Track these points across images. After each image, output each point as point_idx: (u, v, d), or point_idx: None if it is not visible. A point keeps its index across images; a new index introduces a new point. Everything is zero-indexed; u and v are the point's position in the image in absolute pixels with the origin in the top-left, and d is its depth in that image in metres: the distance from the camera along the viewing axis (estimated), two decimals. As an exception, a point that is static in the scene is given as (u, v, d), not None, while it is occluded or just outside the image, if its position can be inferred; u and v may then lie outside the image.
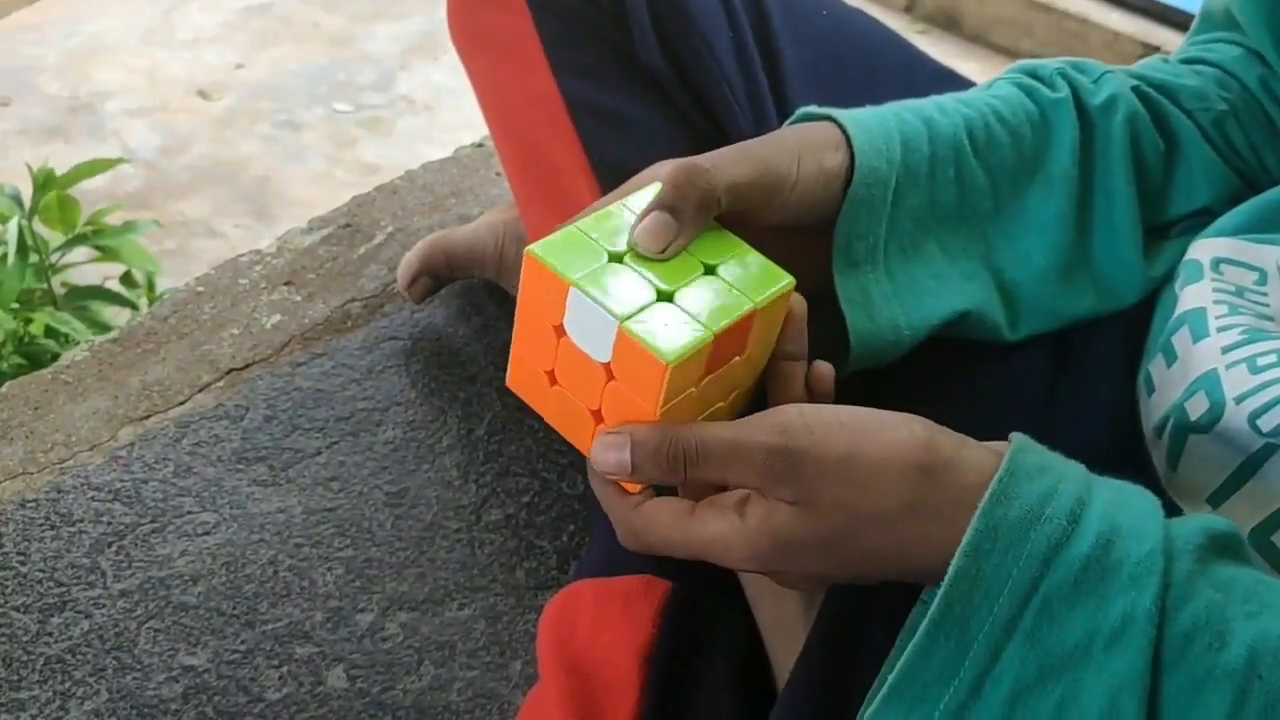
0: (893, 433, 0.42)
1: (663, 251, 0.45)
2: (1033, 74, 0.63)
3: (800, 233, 0.54)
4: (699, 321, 0.43)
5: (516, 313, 0.47)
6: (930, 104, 0.59)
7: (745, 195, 0.49)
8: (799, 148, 0.52)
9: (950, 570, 0.39)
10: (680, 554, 0.45)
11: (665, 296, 0.44)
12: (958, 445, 0.42)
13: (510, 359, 0.48)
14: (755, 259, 0.47)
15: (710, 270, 0.46)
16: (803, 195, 0.52)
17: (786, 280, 0.46)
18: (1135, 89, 0.64)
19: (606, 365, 0.43)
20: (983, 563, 0.39)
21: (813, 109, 0.57)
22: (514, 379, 0.49)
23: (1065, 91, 0.62)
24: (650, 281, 0.44)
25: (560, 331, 0.44)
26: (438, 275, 0.95)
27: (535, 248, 0.44)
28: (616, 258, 0.45)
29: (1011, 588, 0.38)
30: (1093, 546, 0.39)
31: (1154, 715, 0.37)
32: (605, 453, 0.44)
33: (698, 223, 0.47)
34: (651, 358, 0.41)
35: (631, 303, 0.43)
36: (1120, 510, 0.40)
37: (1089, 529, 0.39)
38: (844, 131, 0.55)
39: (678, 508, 0.45)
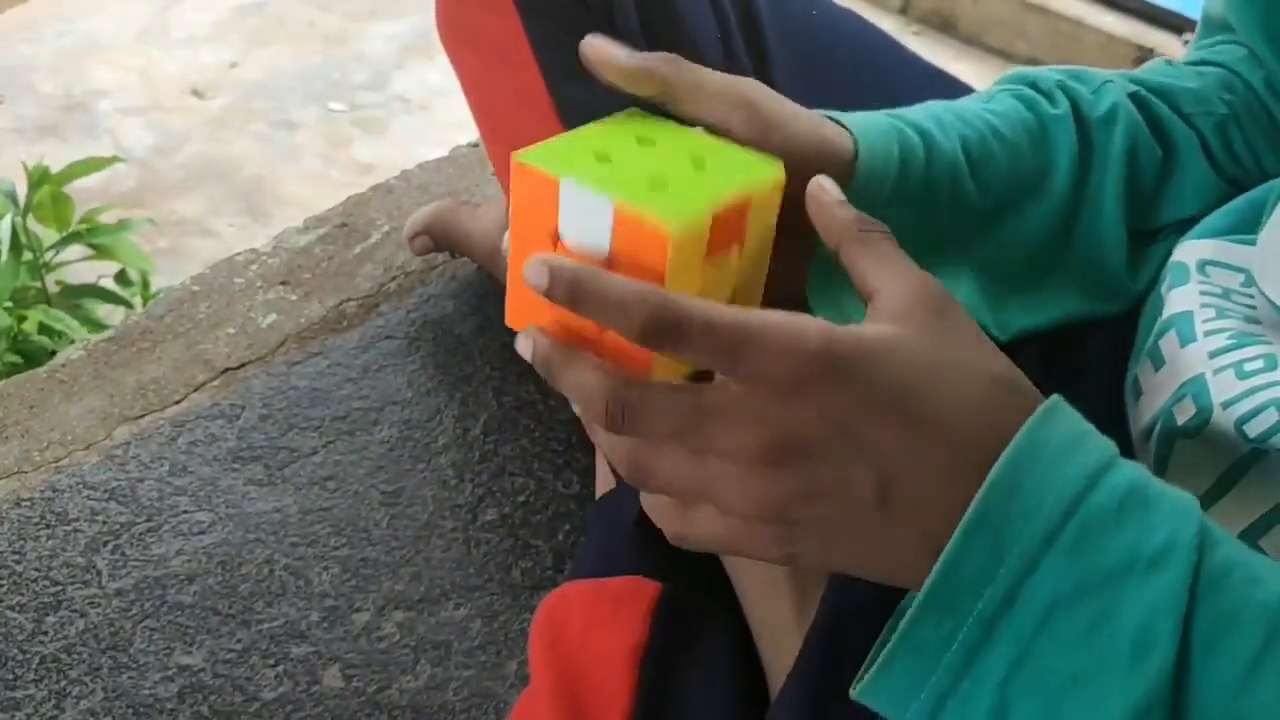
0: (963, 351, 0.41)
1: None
2: (1032, 85, 0.63)
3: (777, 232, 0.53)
4: (697, 201, 0.42)
5: (509, 238, 0.45)
6: (928, 117, 0.58)
7: (727, 103, 0.49)
8: (799, 108, 0.52)
9: (990, 474, 0.37)
10: (677, 455, 0.40)
11: (658, 183, 0.43)
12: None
13: (507, 293, 0.46)
14: (745, 153, 0.47)
15: (700, 163, 0.45)
16: (789, 141, 0.50)
17: (778, 167, 0.46)
18: (1134, 95, 0.64)
19: (608, 259, 0.42)
20: (1023, 476, 0.37)
21: (820, 112, 0.57)
22: (512, 314, 0.46)
23: (1065, 106, 0.61)
24: (642, 169, 0.43)
25: (556, 239, 0.43)
26: (437, 241, 0.98)
27: (520, 154, 0.43)
28: (604, 156, 0.44)
29: (1053, 500, 0.37)
30: (1136, 476, 0.38)
31: (1184, 642, 0.36)
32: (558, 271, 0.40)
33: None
34: (652, 230, 0.40)
35: (626, 186, 0.42)
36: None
37: (1130, 466, 0.39)
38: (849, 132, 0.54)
39: (681, 387, 0.41)
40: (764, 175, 0.45)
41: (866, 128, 0.54)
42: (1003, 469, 0.37)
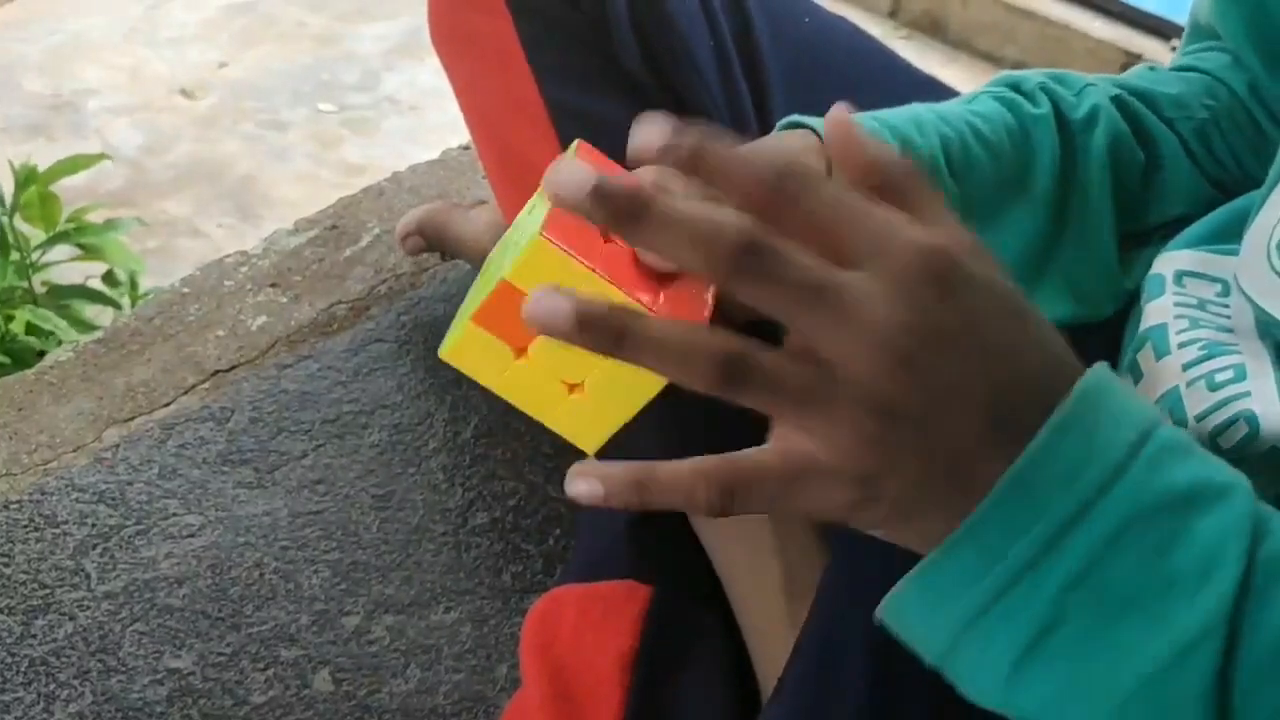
0: None
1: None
2: (1015, 87, 0.63)
3: None
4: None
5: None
6: (909, 119, 0.58)
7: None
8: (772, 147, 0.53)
9: (1078, 384, 0.36)
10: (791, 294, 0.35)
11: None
12: None
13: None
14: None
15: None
16: None
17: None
18: (1116, 99, 0.65)
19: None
20: (1104, 396, 0.37)
21: (796, 118, 0.57)
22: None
23: (1046, 107, 0.62)
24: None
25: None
26: (429, 241, 0.97)
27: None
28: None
29: (1131, 423, 0.36)
30: (1191, 435, 0.39)
31: (1245, 573, 0.35)
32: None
33: None
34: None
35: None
36: None
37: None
38: (819, 138, 0.55)
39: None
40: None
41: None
42: (1092, 379, 0.37)
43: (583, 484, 0.37)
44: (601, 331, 0.35)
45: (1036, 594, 0.36)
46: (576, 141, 0.48)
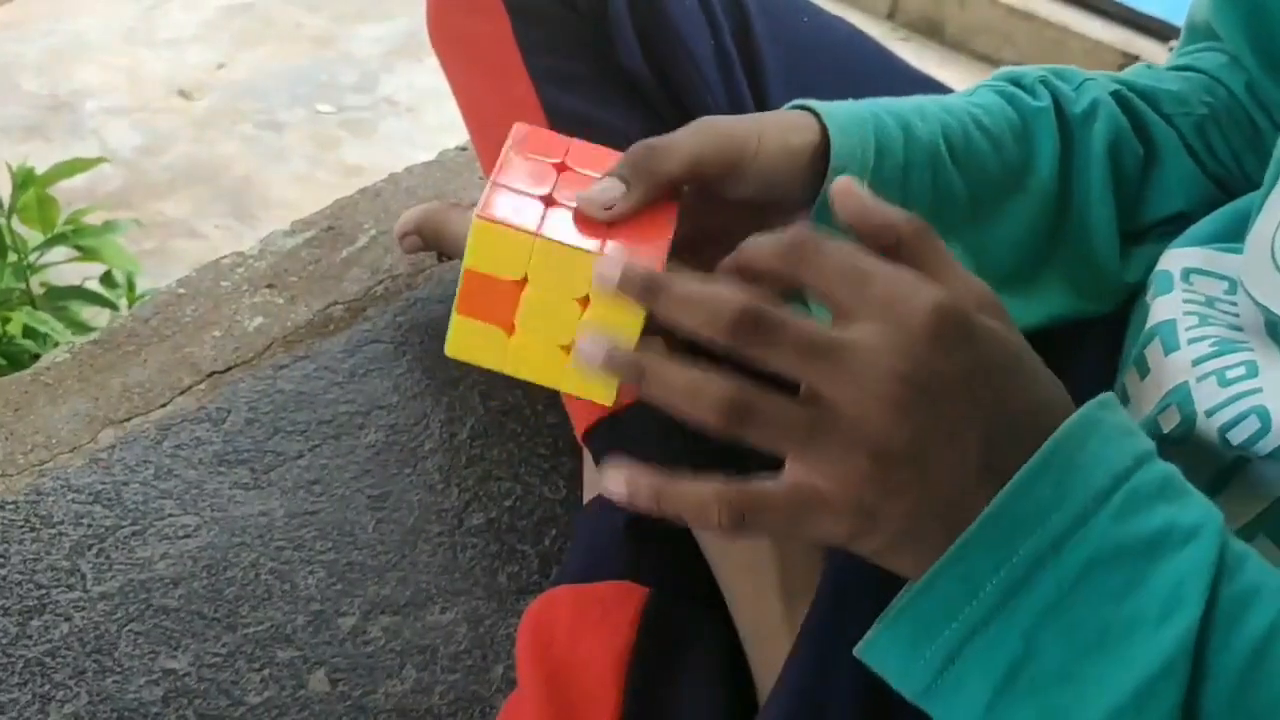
0: None
1: (608, 210, 0.46)
2: (1015, 81, 0.64)
3: (768, 214, 0.54)
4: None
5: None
6: (911, 108, 0.59)
7: (702, 165, 0.49)
8: (762, 124, 0.53)
9: (1061, 427, 0.39)
10: (797, 353, 0.39)
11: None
12: None
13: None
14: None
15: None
16: (764, 168, 0.52)
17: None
18: (1116, 94, 0.65)
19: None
20: (1087, 438, 0.39)
21: (795, 102, 0.57)
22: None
23: (1047, 100, 0.62)
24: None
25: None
26: (427, 241, 0.96)
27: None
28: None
29: (1106, 469, 0.39)
30: (1173, 470, 0.41)
31: (1208, 611, 0.38)
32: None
33: (646, 195, 0.48)
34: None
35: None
36: None
37: (1167, 463, 0.41)
38: (820, 121, 0.55)
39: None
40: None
41: (842, 117, 0.55)
42: (1073, 425, 0.39)
43: (613, 482, 0.41)
44: (625, 373, 0.41)
45: (1010, 629, 0.38)
46: (516, 125, 0.50)
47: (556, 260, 0.45)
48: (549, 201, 0.47)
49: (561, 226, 0.46)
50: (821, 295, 0.41)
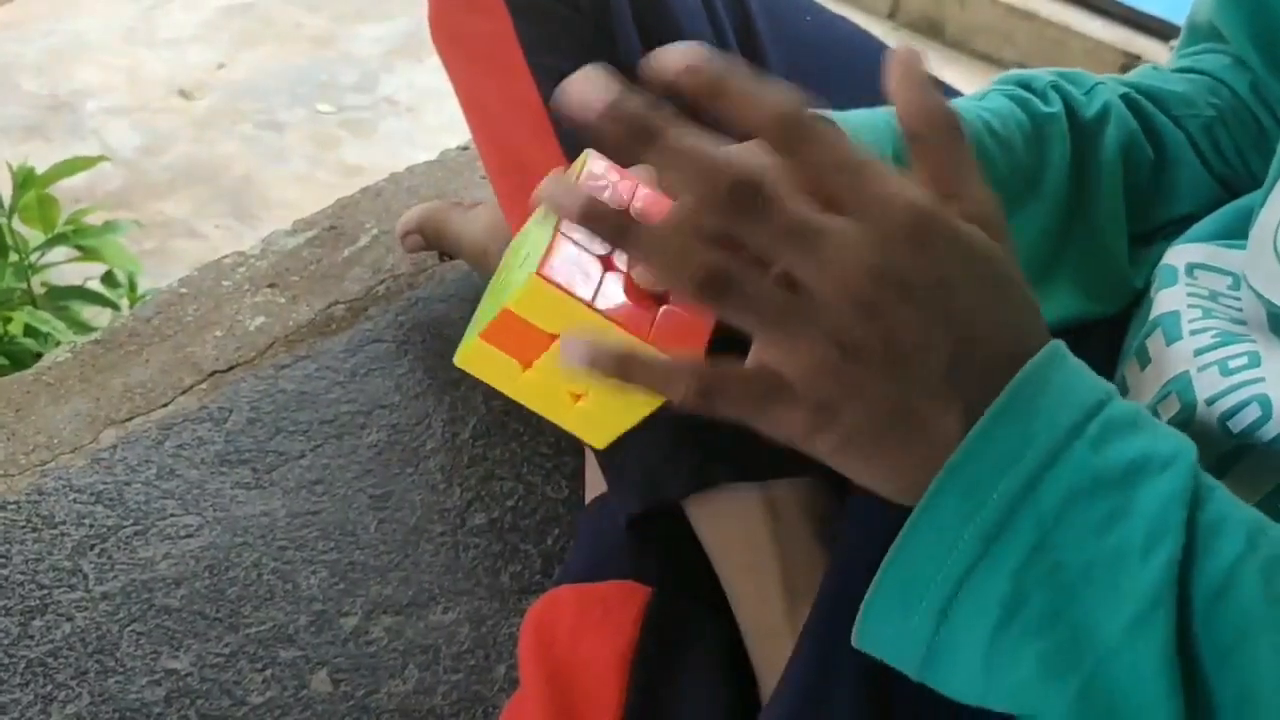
0: None
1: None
2: (1026, 85, 0.64)
3: None
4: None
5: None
6: None
7: None
8: None
9: (1024, 368, 0.38)
10: (775, 240, 0.38)
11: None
12: None
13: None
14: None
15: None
16: None
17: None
18: (1125, 97, 0.65)
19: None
20: (1053, 373, 0.39)
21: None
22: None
23: (1059, 105, 0.62)
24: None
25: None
26: (428, 240, 0.97)
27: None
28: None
29: (1077, 402, 0.38)
30: (1138, 405, 0.41)
31: (1187, 538, 0.37)
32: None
33: None
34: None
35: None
36: None
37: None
38: None
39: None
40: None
41: (861, 126, 0.55)
42: (1036, 366, 0.39)
43: (575, 357, 0.40)
44: (606, 230, 0.39)
45: (995, 575, 0.38)
46: (591, 155, 0.49)
47: (599, 330, 0.44)
48: (607, 265, 0.45)
49: (614, 293, 0.45)
50: (813, 180, 0.39)
